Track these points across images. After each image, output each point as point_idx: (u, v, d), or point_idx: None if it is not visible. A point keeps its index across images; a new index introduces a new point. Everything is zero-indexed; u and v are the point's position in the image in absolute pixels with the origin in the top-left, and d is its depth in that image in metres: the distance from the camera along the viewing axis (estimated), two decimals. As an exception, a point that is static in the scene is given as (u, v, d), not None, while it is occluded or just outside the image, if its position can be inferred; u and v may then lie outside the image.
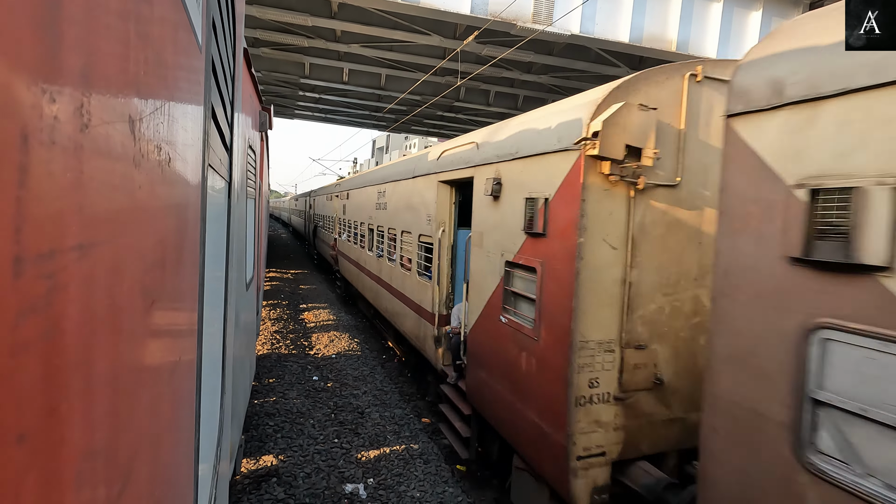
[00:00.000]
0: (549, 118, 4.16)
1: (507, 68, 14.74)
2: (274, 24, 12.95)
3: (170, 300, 0.92)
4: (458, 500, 4.88)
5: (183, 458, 1.11)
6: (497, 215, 4.75)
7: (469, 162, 5.51)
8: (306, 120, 27.55)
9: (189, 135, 1.04)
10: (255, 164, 5.04)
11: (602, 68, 13.75)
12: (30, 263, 0.37)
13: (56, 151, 0.41)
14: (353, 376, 8.13)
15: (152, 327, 0.79)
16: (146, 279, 0.74)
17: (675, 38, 11.90)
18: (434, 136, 28.80)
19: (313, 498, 4.76)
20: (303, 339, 10.11)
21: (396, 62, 15.14)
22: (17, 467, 0.36)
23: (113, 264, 0.58)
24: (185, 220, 1.06)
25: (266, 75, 16.47)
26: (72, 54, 0.44)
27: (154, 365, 0.81)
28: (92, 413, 0.52)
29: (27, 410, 0.38)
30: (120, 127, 0.57)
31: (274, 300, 13.49)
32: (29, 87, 0.36)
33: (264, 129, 5.76)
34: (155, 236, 0.79)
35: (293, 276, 18.37)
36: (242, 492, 4.79)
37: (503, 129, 5.04)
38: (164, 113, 0.80)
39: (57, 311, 0.43)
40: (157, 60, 0.76)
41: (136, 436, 0.70)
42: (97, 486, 0.54)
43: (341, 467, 5.34)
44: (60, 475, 0.45)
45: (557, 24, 10.96)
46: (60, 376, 0.44)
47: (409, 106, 20.04)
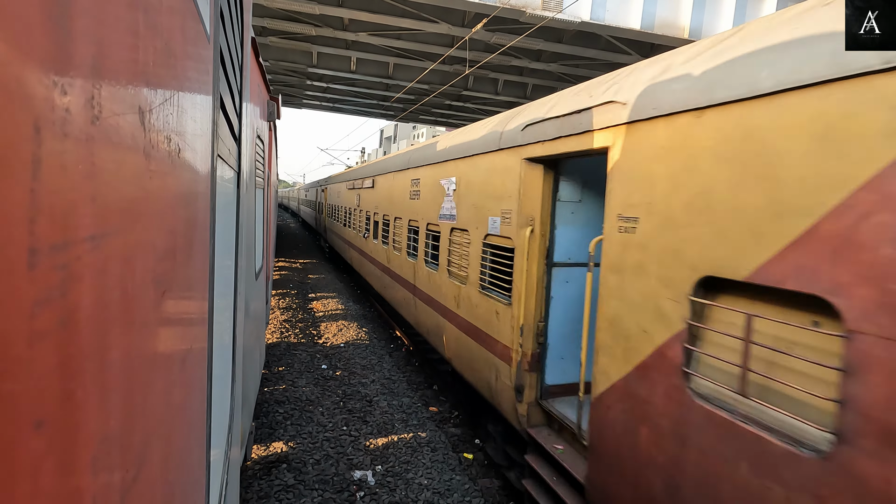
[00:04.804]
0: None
1: (516, 56, 14.58)
2: (282, 13, 12.89)
3: (181, 290, 0.93)
4: (466, 488, 4.93)
5: (195, 444, 1.13)
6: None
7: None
8: (314, 109, 27.50)
9: (198, 125, 1.05)
10: (264, 154, 5.06)
11: (613, 56, 13.55)
12: (44, 254, 0.38)
13: (68, 143, 0.41)
14: (361, 365, 8.20)
15: (164, 316, 0.80)
16: (158, 269, 0.75)
17: (687, 24, 11.68)
18: (442, 125, 28.63)
19: (322, 484, 4.84)
20: (312, 328, 10.20)
21: (404, 51, 15.03)
22: (36, 452, 0.37)
23: (125, 255, 0.59)
24: (196, 210, 1.07)
25: (274, 64, 16.44)
26: (82, 46, 0.44)
27: (166, 353, 0.82)
28: (107, 400, 0.53)
29: (44, 397, 0.39)
30: (130, 118, 0.58)
31: (283, 289, 13.59)
32: (41, 80, 0.37)
33: (272, 118, 5.76)
34: (166, 226, 0.80)
35: (302, 266, 18.47)
36: (253, 477, 4.88)
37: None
38: (174, 104, 0.81)
39: (71, 301, 0.43)
40: (166, 51, 0.76)
41: (150, 422, 0.72)
42: (113, 471, 0.56)
43: (350, 454, 5.41)
44: (77, 460, 0.46)
45: (567, 10, 10.79)
46: (76, 364, 0.45)
47: (418, 95, 19.92)
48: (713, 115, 2.52)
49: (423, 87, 18.24)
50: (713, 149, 2.50)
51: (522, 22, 11.30)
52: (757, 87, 2.30)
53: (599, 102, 3.49)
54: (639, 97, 3.11)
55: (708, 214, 2.50)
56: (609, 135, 3.32)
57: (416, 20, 12.33)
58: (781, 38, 2.31)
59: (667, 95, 2.87)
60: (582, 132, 3.62)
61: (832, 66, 2.00)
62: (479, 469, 5.52)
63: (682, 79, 2.82)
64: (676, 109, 2.75)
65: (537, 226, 4.38)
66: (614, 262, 3.18)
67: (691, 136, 2.64)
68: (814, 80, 2.07)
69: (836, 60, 1.99)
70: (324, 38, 14.72)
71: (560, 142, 3.92)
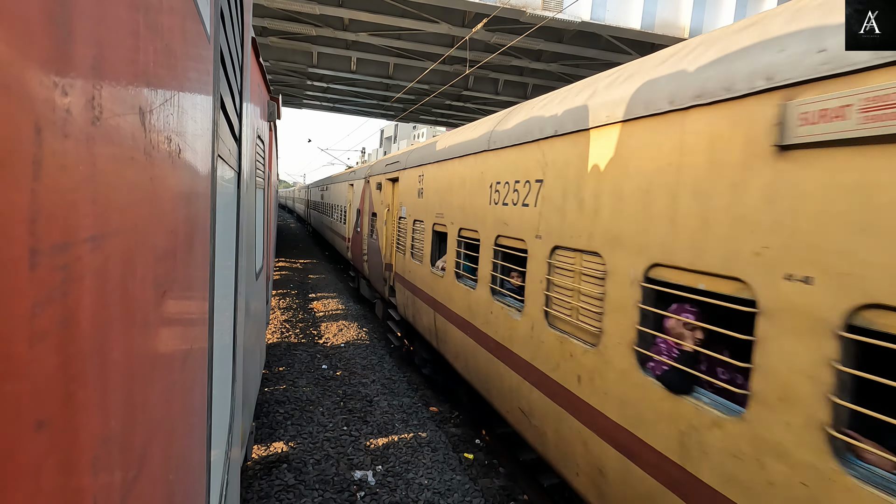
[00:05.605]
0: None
1: (516, 56, 14.58)
2: (282, 13, 12.90)
3: (181, 290, 0.93)
4: (466, 488, 4.92)
5: (195, 445, 1.13)
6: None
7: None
8: (314, 109, 27.53)
9: (198, 125, 1.05)
10: (264, 154, 5.06)
11: (613, 56, 13.55)
12: (45, 255, 0.38)
13: (69, 144, 0.41)
14: (361, 365, 8.20)
15: (164, 317, 0.80)
16: (158, 269, 0.75)
17: (688, 24, 11.68)
18: (443, 125, 28.64)
19: (323, 484, 4.84)
20: (312, 329, 10.20)
21: (405, 51, 15.03)
22: (37, 453, 0.37)
23: (125, 255, 0.59)
24: (196, 211, 1.07)
25: (274, 65, 16.44)
26: (83, 46, 0.44)
27: (167, 353, 0.83)
28: (107, 400, 0.53)
29: (45, 398, 0.39)
30: (131, 119, 0.58)
31: (283, 289, 13.60)
32: (41, 81, 0.37)
33: (273, 118, 5.76)
34: (166, 227, 0.80)
35: (302, 266, 18.47)
36: (254, 477, 4.88)
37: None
38: (174, 104, 0.81)
39: (72, 302, 0.43)
40: (167, 51, 0.76)
41: (150, 422, 0.72)
42: (113, 471, 0.56)
43: (350, 454, 5.41)
44: (78, 460, 0.46)
45: (567, 10, 10.79)
46: (76, 365, 0.45)
47: (418, 95, 19.92)
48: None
49: (423, 87, 18.24)
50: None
51: (522, 22, 11.31)
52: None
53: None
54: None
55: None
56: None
57: (417, 20, 12.33)
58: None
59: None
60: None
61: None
62: (480, 469, 5.52)
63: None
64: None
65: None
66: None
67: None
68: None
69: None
70: (324, 38, 14.73)
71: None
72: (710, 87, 2.52)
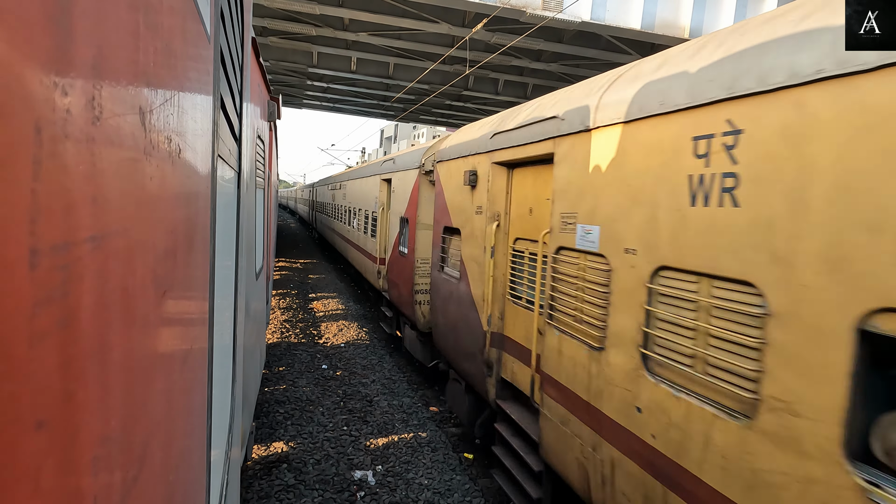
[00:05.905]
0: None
1: (516, 56, 14.58)
2: (282, 13, 12.90)
3: (181, 290, 0.93)
4: (466, 488, 4.93)
5: (195, 444, 1.13)
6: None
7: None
8: (315, 109, 27.54)
9: (198, 125, 1.05)
10: (264, 154, 5.06)
11: (613, 56, 13.55)
12: (45, 255, 0.38)
13: (69, 144, 0.41)
14: (361, 365, 8.20)
15: (164, 316, 0.80)
16: (158, 269, 0.75)
17: (688, 24, 11.68)
18: (443, 125, 28.65)
19: (323, 484, 4.84)
20: (312, 328, 10.20)
21: (405, 51, 15.04)
22: (37, 453, 0.37)
23: (125, 255, 0.59)
24: (196, 211, 1.07)
25: (274, 65, 16.45)
26: (83, 47, 0.44)
27: (167, 353, 0.83)
28: (107, 400, 0.53)
29: (45, 398, 0.39)
30: (131, 119, 0.58)
31: (283, 289, 13.60)
32: (41, 81, 0.37)
33: (273, 118, 5.76)
34: (166, 227, 0.80)
35: (302, 266, 18.47)
36: (254, 477, 4.88)
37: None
38: (174, 104, 0.81)
39: (72, 302, 0.43)
40: (167, 51, 0.76)
41: (150, 422, 0.72)
42: (113, 471, 0.56)
43: (350, 454, 5.41)
44: (78, 460, 0.46)
45: (568, 10, 10.79)
46: (76, 365, 0.45)
47: (418, 95, 19.92)
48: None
49: (423, 87, 18.24)
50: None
51: (523, 22, 11.31)
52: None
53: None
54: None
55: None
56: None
57: (417, 20, 12.33)
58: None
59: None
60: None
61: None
62: (480, 469, 5.52)
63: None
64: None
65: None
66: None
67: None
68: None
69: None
70: (324, 38, 14.73)
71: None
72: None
